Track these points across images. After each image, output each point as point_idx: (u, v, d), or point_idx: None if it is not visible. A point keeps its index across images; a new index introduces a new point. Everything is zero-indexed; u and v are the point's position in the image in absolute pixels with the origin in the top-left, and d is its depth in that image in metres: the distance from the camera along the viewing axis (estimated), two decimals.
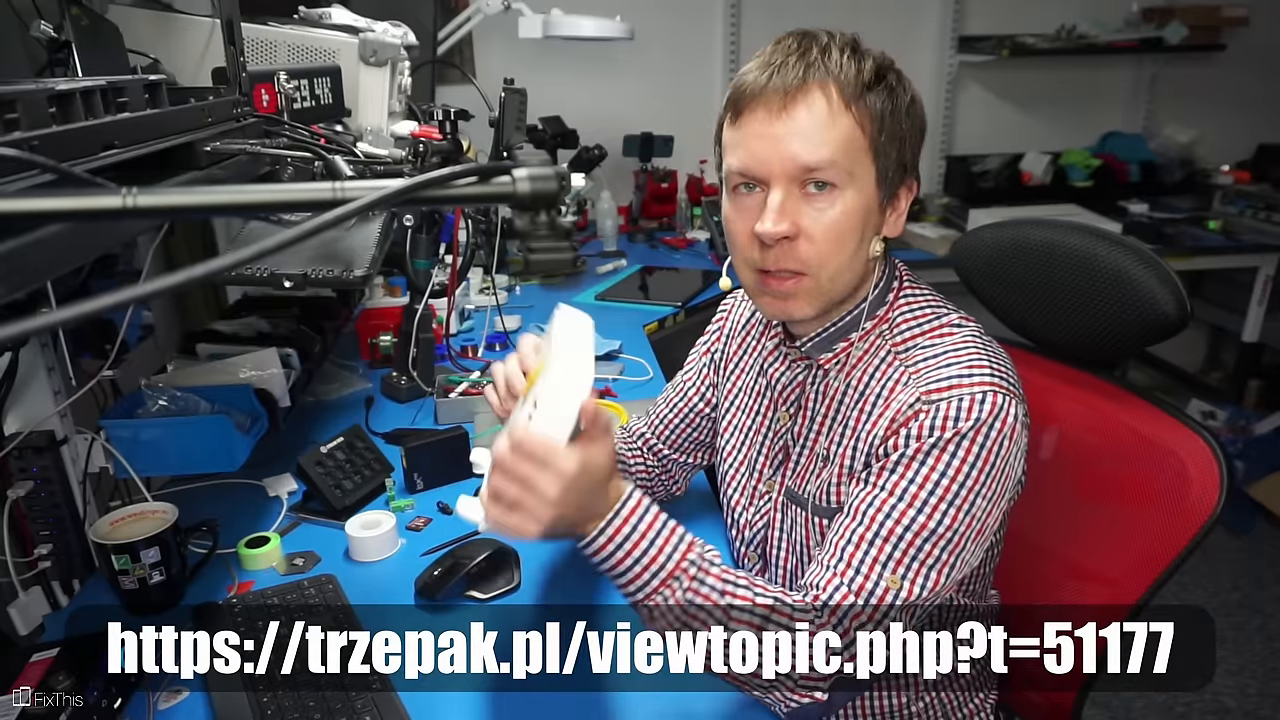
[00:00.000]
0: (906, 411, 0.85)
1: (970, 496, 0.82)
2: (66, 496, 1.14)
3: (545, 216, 0.50)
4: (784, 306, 0.91)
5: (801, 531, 0.97)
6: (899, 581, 0.82)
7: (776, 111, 0.84)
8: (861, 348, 0.94)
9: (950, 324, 0.91)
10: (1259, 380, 3.29)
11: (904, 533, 0.82)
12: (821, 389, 0.97)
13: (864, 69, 0.85)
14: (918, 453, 0.83)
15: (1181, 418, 1.04)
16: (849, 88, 0.84)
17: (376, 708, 0.86)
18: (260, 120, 0.97)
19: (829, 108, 0.84)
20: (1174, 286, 1.00)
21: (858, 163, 0.85)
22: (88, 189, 0.47)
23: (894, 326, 0.93)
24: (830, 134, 0.84)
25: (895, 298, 0.95)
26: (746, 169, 0.87)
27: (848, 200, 0.86)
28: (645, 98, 3.06)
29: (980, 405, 0.82)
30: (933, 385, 0.84)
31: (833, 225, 0.86)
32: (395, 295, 1.95)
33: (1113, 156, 3.23)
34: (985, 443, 0.82)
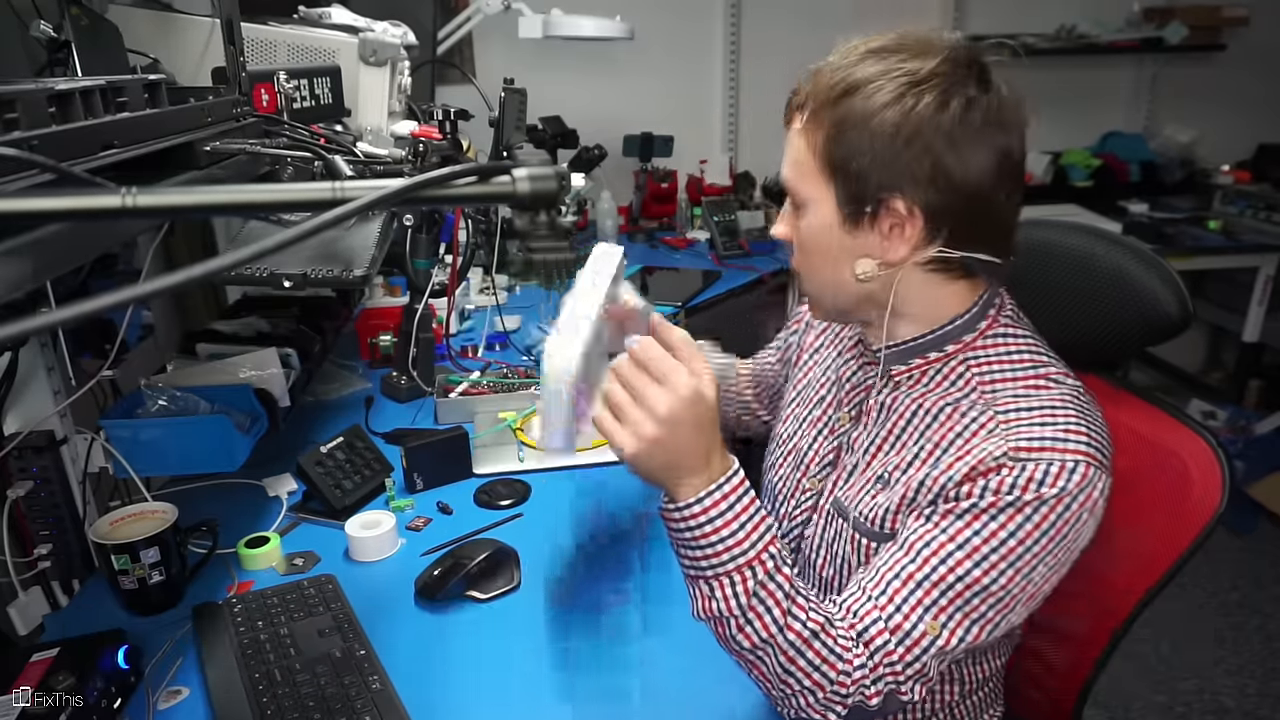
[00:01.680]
0: (990, 462, 0.79)
1: (1033, 562, 0.78)
2: (66, 496, 1.14)
3: (545, 216, 0.50)
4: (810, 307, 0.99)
5: (846, 547, 0.93)
6: (938, 629, 0.79)
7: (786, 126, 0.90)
8: (940, 371, 0.89)
9: (1050, 377, 0.85)
10: (1259, 380, 3.29)
11: (955, 582, 0.79)
12: (889, 401, 0.93)
13: (840, 84, 0.81)
14: (991, 507, 0.78)
15: (1183, 418, 1.04)
16: (808, 108, 0.84)
17: (376, 708, 0.86)
18: (260, 120, 0.97)
19: (796, 127, 0.87)
20: (1176, 286, 1.00)
21: (811, 184, 0.85)
22: (87, 189, 0.47)
23: (983, 361, 0.88)
24: (790, 154, 0.88)
25: (988, 328, 0.89)
26: None
27: (809, 218, 0.87)
28: (645, 98, 3.06)
29: (1070, 475, 0.77)
30: (1023, 443, 0.79)
31: (804, 242, 0.90)
32: (395, 295, 1.95)
33: (1113, 156, 3.24)
34: (1064, 514, 0.78)
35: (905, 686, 0.79)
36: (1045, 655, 1.13)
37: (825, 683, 0.78)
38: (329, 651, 0.95)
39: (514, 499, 1.28)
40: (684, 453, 0.75)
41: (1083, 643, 1.08)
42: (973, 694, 1.02)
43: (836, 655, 0.78)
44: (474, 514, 1.26)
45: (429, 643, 0.99)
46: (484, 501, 1.28)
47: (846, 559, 0.94)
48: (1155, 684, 2.20)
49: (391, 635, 0.99)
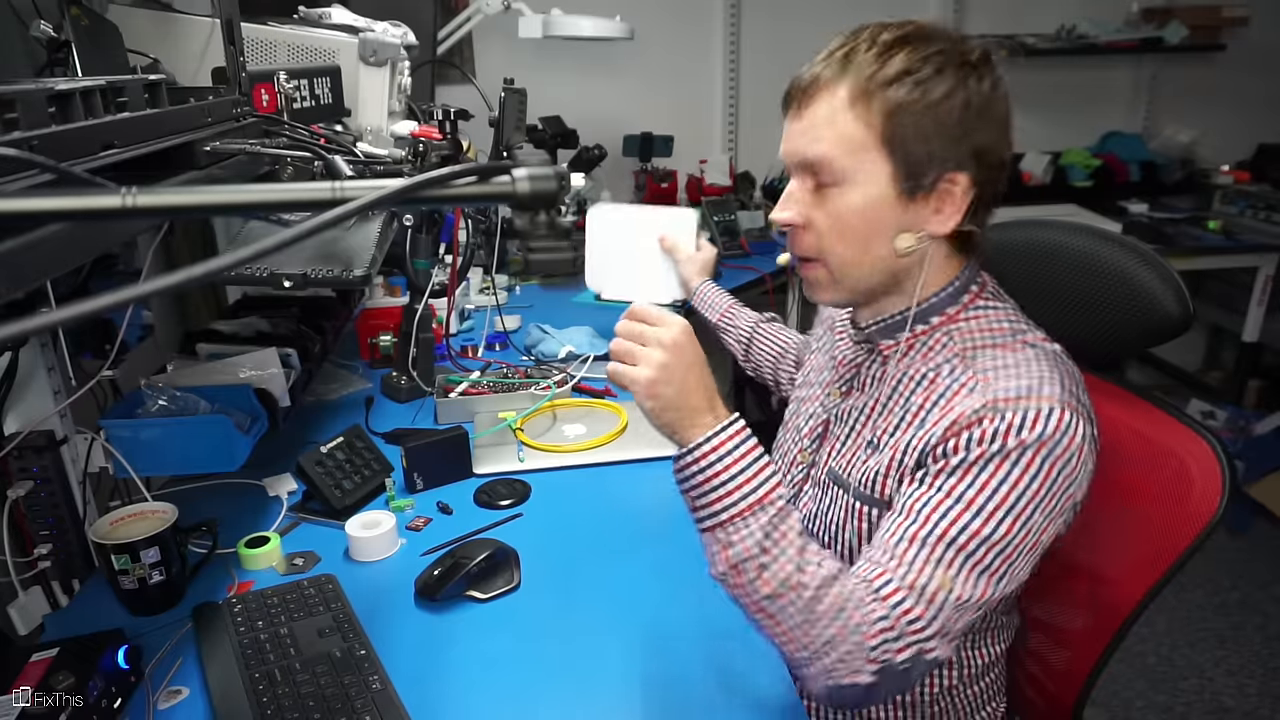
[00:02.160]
0: (970, 416, 0.83)
1: (1028, 509, 0.81)
2: (66, 496, 1.14)
3: (545, 216, 0.50)
4: (811, 292, 0.97)
5: (840, 514, 0.96)
6: (950, 582, 0.81)
7: (795, 109, 0.90)
8: (925, 343, 0.94)
9: (1026, 342, 0.89)
10: (1259, 380, 3.29)
11: (958, 535, 0.81)
12: (877, 374, 0.98)
13: (888, 65, 0.85)
14: (979, 459, 0.81)
15: (1183, 418, 1.04)
16: (858, 86, 0.85)
17: (376, 708, 0.86)
18: (260, 120, 0.97)
19: (831, 108, 0.87)
20: (1176, 287, 1.00)
21: (861, 160, 0.86)
22: (87, 189, 0.47)
23: (965, 332, 0.92)
24: (828, 132, 0.87)
25: (970, 302, 0.94)
26: (782, 159, 0.93)
27: (851, 196, 0.87)
28: (645, 98, 3.06)
29: (1047, 420, 0.80)
30: (1000, 394, 0.83)
31: (833, 219, 0.89)
32: (395, 295, 1.95)
33: (1113, 156, 3.24)
34: (1049, 457, 0.80)
35: (931, 644, 0.80)
36: (1045, 655, 1.13)
37: (847, 631, 0.79)
38: (329, 651, 0.95)
39: (514, 499, 1.28)
40: (690, 388, 0.82)
41: (1083, 642, 1.08)
42: (974, 682, 1.03)
43: (855, 603, 0.79)
44: (474, 514, 1.26)
45: (429, 643, 0.99)
46: (484, 501, 1.28)
47: (842, 527, 0.96)
48: (1155, 684, 2.20)
49: (391, 635, 0.99)
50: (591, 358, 1.71)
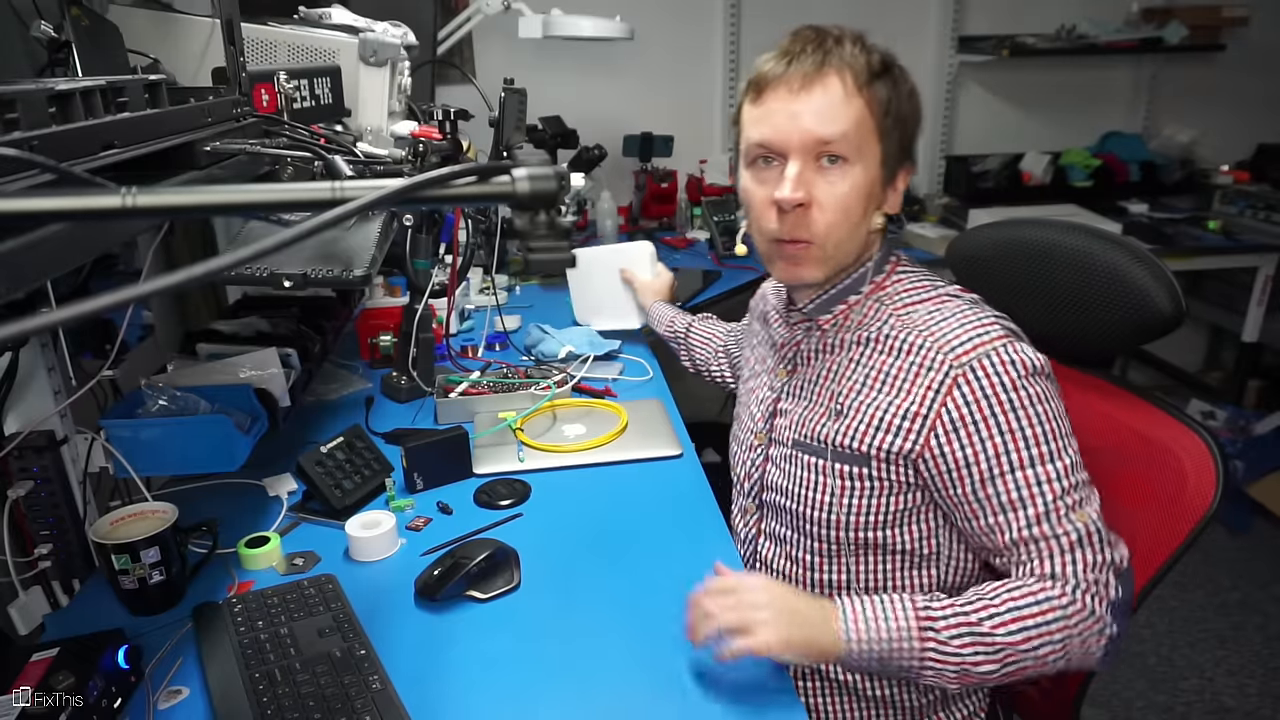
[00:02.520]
0: (942, 378, 0.92)
1: (1064, 425, 0.92)
2: (66, 496, 1.14)
3: (545, 216, 0.50)
4: (795, 271, 1.01)
5: (815, 477, 1.02)
6: (1083, 514, 0.90)
7: (796, 91, 0.94)
8: (860, 311, 1.03)
9: (948, 293, 1.00)
10: (1259, 380, 3.29)
11: (1061, 483, 0.90)
12: (819, 346, 1.06)
13: (873, 60, 0.95)
14: (1007, 425, 0.90)
15: (1178, 415, 1.04)
16: (861, 75, 0.94)
17: (376, 707, 0.86)
18: (260, 120, 0.97)
19: (843, 90, 0.93)
20: (1168, 283, 1.00)
21: (866, 141, 0.95)
22: (88, 189, 0.47)
23: (893, 295, 1.02)
24: (844, 112, 0.93)
25: (892, 270, 1.04)
26: (767, 141, 0.96)
27: (856, 175, 0.95)
28: (645, 98, 3.07)
29: (1008, 354, 0.91)
30: (956, 349, 0.92)
31: (842, 197, 0.95)
32: (395, 295, 1.95)
33: (1113, 156, 3.23)
34: (1033, 379, 0.91)
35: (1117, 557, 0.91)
36: None
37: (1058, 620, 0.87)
38: (329, 651, 0.95)
39: (514, 499, 1.28)
40: (804, 610, 0.88)
41: None
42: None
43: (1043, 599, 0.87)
44: (474, 514, 1.26)
45: (429, 643, 0.99)
46: (484, 501, 1.28)
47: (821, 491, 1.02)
48: (1155, 684, 2.21)
49: (391, 635, 0.99)
50: (591, 358, 1.71)
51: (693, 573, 1.11)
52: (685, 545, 1.17)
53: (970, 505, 0.93)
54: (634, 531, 1.20)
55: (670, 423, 1.49)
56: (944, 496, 0.96)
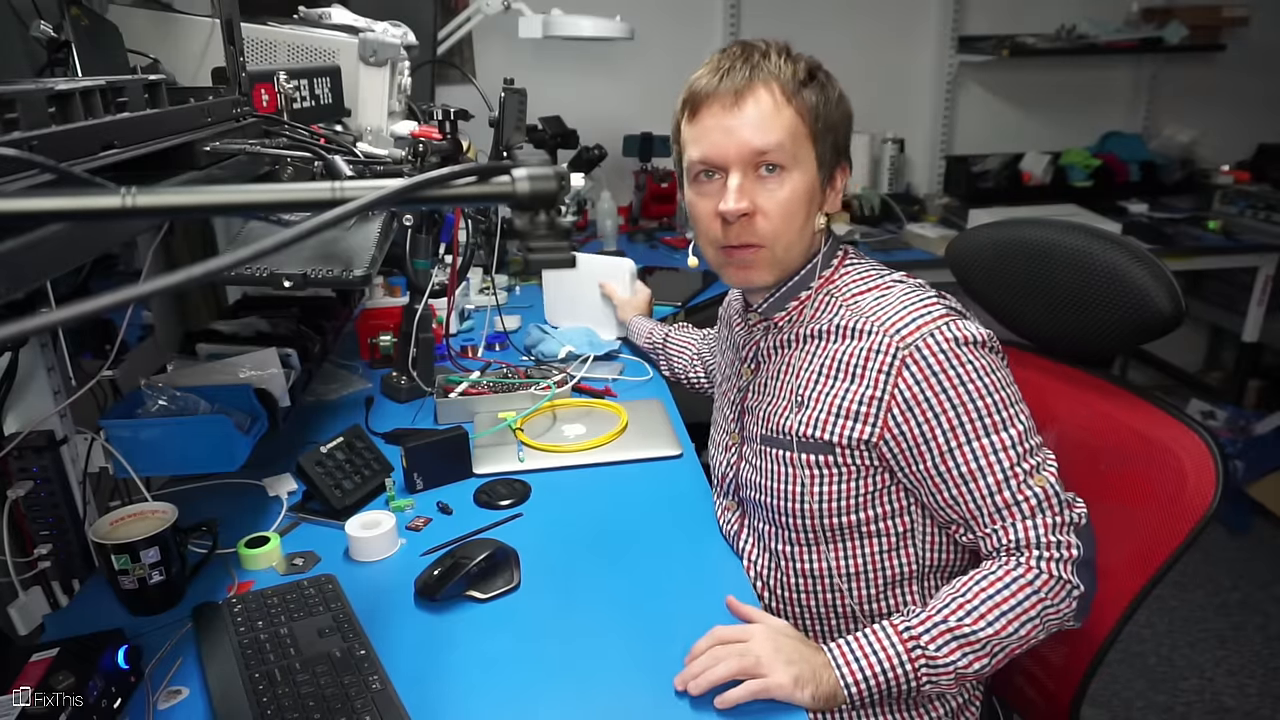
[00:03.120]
0: (890, 360, 0.95)
1: (1008, 397, 0.95)
2: (66, 496, 1.14)
3: (545, 216, 0.50)
4: (746, 275, 1.05)
5: (784, 469, 1.04)
6: (1040, 477, 0.94)
7: (729, 107, 0.98)
8: (812, 305, 1.07)
9: (892, 279, 1.04)
10: (1259, 380, 3.29)
11: (1016, 450, 0.94)
12: (776, 343, 1.10)
13: (799, 69, 0.99)
14: (957, 398, 0.93)
15: (1178, 415, 1.04)
16: (789, 84, 0.98)
17: (376, 707, 0.86)
18: (260, 120, 0.97)
19: (774, 101, 0.98)
20: (1168, 283, 1.00)
21: (800, 147, 0.99)
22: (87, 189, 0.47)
23: (842, 287, 1.05)
24: (776, 122, 0.98)
25: (840, 264, 1.08)
26: (707, 157, 1.01)
27: (795, 180, 1.00)
28: (645, 98, 3.06)
29: (949, 330, 0.94)
30: (901, 330, 0.95)
31: (784, 203, 1.00)
32: (395, 295, 1.95)
33: (1113, 156, 3.23)
34: (980, 352, 0.94)
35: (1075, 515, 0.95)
36: (1043, 653, 1.14)
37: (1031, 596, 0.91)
38: (329, 651, 0.95)
39: (514, 499, 1.28)
40: (805, 651, 0.91)
41: (1080, 640, 1.08)
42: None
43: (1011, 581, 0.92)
44: (474, 514, 1.26)
45: (429, 643, 0.99)
46: (484, 501, 1.28)
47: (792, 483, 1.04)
48: (1155, 684, 2.21)
49: (391, 635, 0.99)
50: (591, 357, 1.72)
51: (692, 573, 1.11)
52: (685, 545, 1.17)
53: (932, 480, 0.96)
54: (634, 531, 1.20)
55: (670, 423, 1.49)
56: (907, 475, 0.98)
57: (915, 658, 0.89)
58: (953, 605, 0.92)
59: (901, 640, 0.90)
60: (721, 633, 0.92)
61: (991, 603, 0.91)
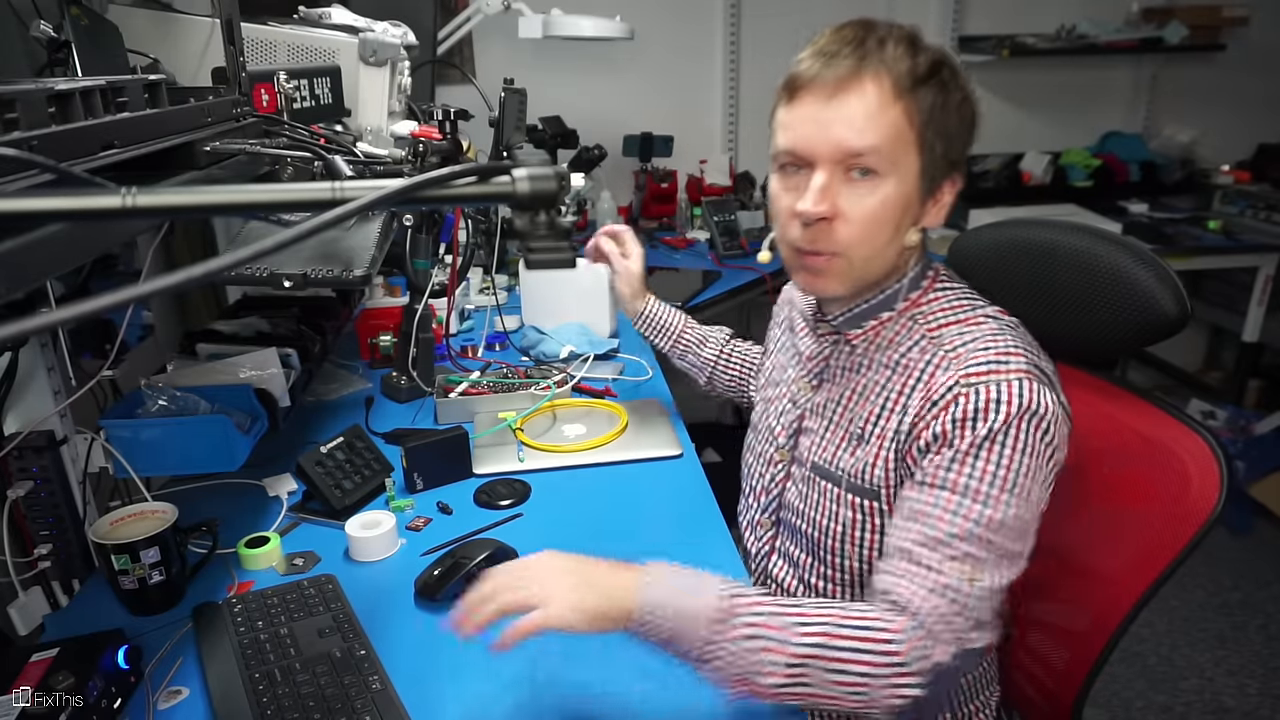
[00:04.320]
0: (945, 394, 0.87)
1: (1027, 484, 0.84)
2: (66, 496, 1.14)
3: (545, 216, 0.50)
4: (816, 283, 0.95)
5: (832, 506, 0.98)
6: (979, 574, 0.83)
7: (827, 98, 0.87)
8: (892, 329, 0.97)
9: (985, 314, 0.94)
10: (1259, 380, 3.29)
11: (974, 528, 0.83)
12: (847, 364, 1.01)
13: (918, 63, 0.87)
14: (971, 448, 0.84)
15: (1181, 417, 1.04)
16: (901, 80, 0.86)
17: (376, 707, 0.86)
18: (260, 120, 0.97)
19: (879, 98, 0.86)
20: (1173, 285, 1.00)
21: (902, 153, 0.87)
22: (87, 189, 0.47)
23: (928, 314, 0.96)
24: (877, 123, 0.86)
25: (930, 286, 0.98)
26: (793, 149, 0.90)
27: (888, 188, 0.88)
28: (645, 98, 3.06)
29: (1020, 393, 0.84)
30: (970, 369, 0.87)
31: (871, 211, 0.88)
32: (395, 295, 1.95)
33: (1113, 156, 3.23)
34: (1030, 429, 0.84)
35: (972, 635, 0.83)
36: (1045, 654, 1.13)
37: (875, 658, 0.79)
38: (329, 651, 0.95)
39: (514, 499, 1.28)
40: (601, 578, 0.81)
41: (1082, 641, 1.08)
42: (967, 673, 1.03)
43: (868, 628, 0.80)
44: (474, 514, 1.26)
45: (429, 643, 0.99)
46: (484, 501, 1.28)
47: (834, 518, 0.98)
48: (1155, 684, 2.20)
49: (391, 635, 0.99)
50: (591, 357, 1.71)
51: None
52: (685, 545, 1.17)
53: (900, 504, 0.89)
54: (634, 531, 1.20)
55: (670, 423, 1.49)
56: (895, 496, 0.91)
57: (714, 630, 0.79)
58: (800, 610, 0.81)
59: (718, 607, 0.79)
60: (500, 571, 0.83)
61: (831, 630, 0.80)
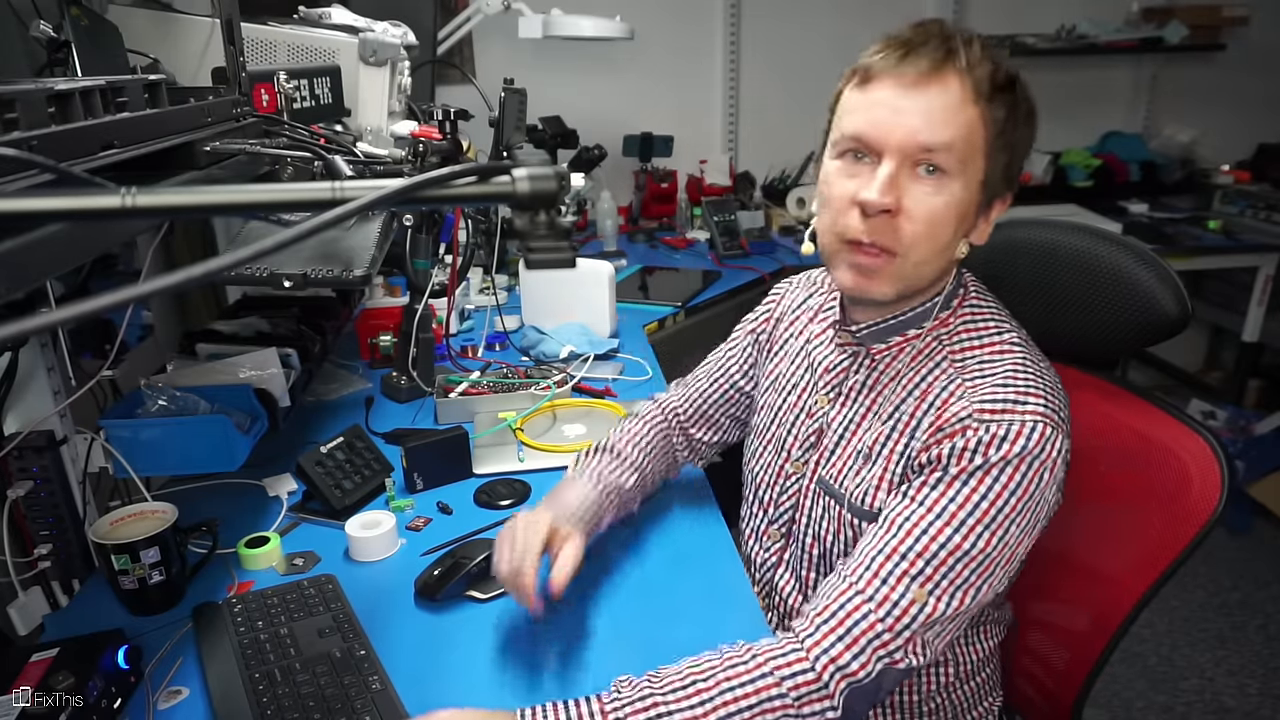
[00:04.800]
0: (955, 424, 0.84)
1: (1006, 524, 0.81)
2: (66, 496, 1.14)
3: (545, 216, 0.50)
4: (864, 282, 0.89)
5: (834, 525, 0.97)
6: (925, 596, 0.81)
7: (908, 86, 0.83)
8: (916, 346, 0.94)
9: (1009, 342, 0.91)
10: (1259, 380, 3.29)
11: (938, 550, 0.81)
12: (868, 381, 0.97)
13: (999, 71, 0.85)
14: (961, 473, 0.82)
15: (1182, 417, 1.04)
16: (983, 83, 0.83)
17: (376, 707, 0.86)
18: (260, 120, 0.97)
19: (961, 95, 0.83)
20: (1174, 286, 1.00)
21: (972, 158, 0.85)
22: (87, 189, 0.47)
23: (954, 333, 0.93)
24: (956, 120, 0.83)
25: (960, 304, 0.95)
26: (862, 134, 0.85)
27: (954, 191, 0.85)
28: (645, 98, 3.06)
29: (1029, 435, 0.81)
30: (986, 404, 0.84)
31: (935, 211, 0.85)
32: (395, 295, 1.95)
33: (1113, 156, 3.23)
34: (1028, 472, 0.81)
35: (899, 655, 0.80)
36: (1045, 655, 1.13)
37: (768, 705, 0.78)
38: (329, 651, 0.95)
39: (514, 499, 1.28)
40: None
41: (1083, 642, 1.08)
42: (970, 679, 1.03)
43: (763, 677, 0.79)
44: (474, 514, 1.26)
45: (429, 643, 0.99)
46: (484, 501, 1.28)
47: (837, 537, 0.96)
48: (1155, 684, 2.20)
49: (391, 635, 0.99)
50: (592, 357, 1.71)
51: (693, 572, 1.11)
52: (685, 546, 1.17)
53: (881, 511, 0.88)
54: (634, 532, 1.20)
55: None
56: None
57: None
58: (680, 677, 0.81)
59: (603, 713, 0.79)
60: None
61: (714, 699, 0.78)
